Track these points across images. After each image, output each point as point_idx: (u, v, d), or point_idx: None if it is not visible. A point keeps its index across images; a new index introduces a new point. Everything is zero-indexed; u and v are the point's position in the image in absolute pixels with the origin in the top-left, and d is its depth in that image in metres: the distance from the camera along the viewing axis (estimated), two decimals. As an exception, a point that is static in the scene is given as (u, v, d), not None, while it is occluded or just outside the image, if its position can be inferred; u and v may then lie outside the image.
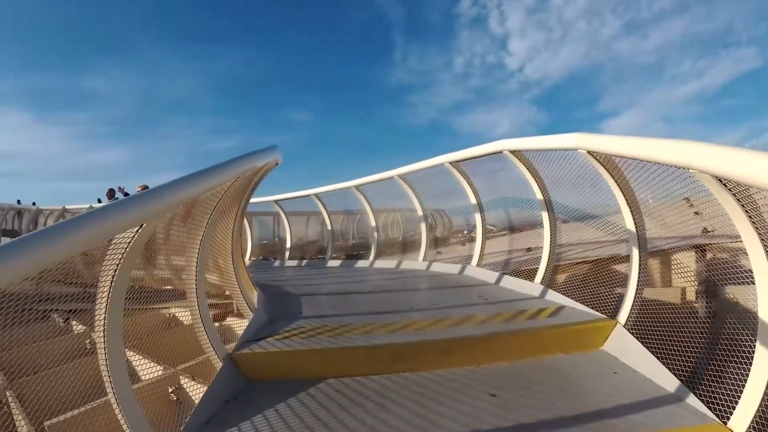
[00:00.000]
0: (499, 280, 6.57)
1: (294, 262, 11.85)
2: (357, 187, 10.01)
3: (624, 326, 4.11)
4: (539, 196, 5.78)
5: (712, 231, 3.80)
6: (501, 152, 6.02)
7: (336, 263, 10.81)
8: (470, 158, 7.13)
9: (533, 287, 5.70)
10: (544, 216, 5.80)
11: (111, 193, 12.26)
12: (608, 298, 4.54)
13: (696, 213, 3.55)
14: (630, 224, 4.24)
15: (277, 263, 12.17)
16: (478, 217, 7.56)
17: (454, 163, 7.51)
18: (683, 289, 4.75)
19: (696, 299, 4.36)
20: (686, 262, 4.74)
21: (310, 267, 11.02)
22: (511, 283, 6.26)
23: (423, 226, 8.99)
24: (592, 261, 5.44)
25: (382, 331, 4.37)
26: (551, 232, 5.74)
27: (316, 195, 11.17)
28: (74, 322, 6.37)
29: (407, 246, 10.12)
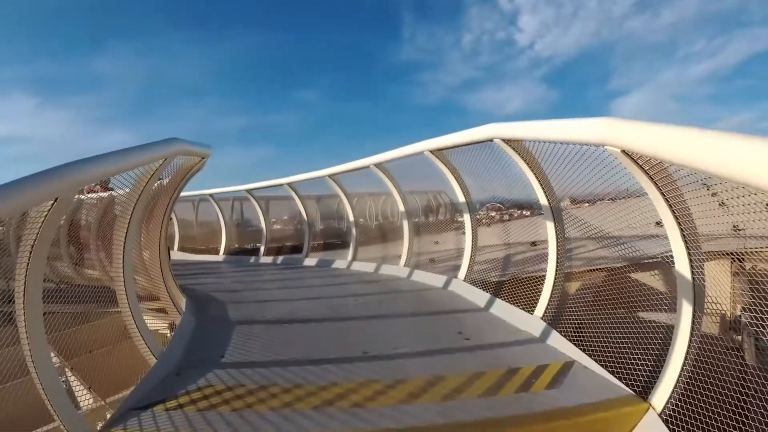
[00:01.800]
0: (489, 304, 5.16)
1: (269, 259, 10.55)
2: (331, 176, 8.51)
3: (660, 414, 2.69)
4: (543, 200, 4.31)
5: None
6: (491, 140, 4.55)
7: (313, 261, 9.57)
8: (454, 146, 5.65)
9: (532, 322, 4.29)
10: (549, 229, 4.34)
11: None
12: (638, 363, 3.10)
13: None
14: (682, 265, 2.78)
15: (252, 260, 10.77)
16: (466, 219, 6.09)
17: (436, 152, 6.03)
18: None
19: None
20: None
21: (284, 266, 9.73)
22: (504, 311, 4.84)
23: (405, 226, 7.52)
24: (618, 300, 3.89)
25: (304, 405, 2.99)
26: (558, 252, 4.28)
27: (289, 184, 9.71)
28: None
29: (388, 237, 8.71)
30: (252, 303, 6.08)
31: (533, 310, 4.37)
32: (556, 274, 4.26)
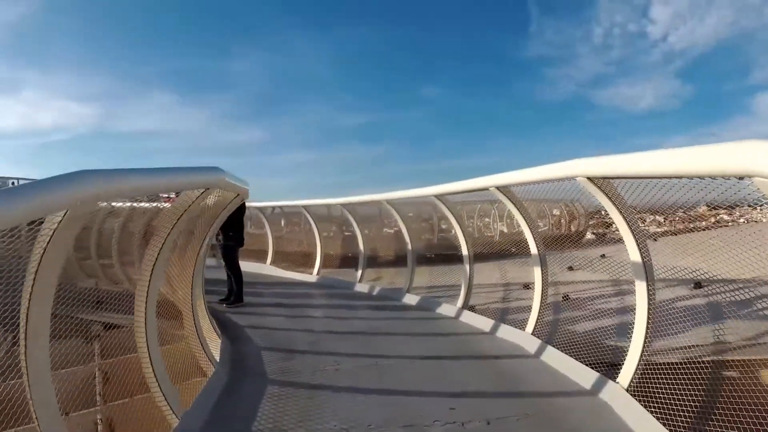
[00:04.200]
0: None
1: (365, 288, 9.01)
2: (439, 196, 6.83)
3: None
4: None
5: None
6: (574, 178, 3.61)
7: (414, 299, 7.64)
8: (529, 183, 4.70)
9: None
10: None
11: None
12: None
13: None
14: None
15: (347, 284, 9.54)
16: (537, 273, 5.10)
17: (504, 189, 5.11)
18: None
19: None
20: None
21: (380, 302, 8.02)
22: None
23: (466, 270, 6.57)
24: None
25: None
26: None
27: (387, 201, 8.30)
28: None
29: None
30: (313, 380, 4.39)
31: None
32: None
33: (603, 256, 6.25)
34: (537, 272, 5.12)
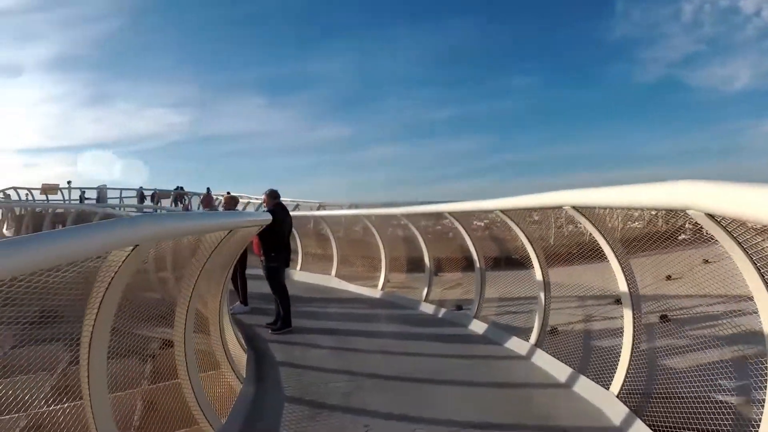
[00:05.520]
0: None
1: (431, 309, 7.90)
2: (504, 210, 5.68)
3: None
4: None
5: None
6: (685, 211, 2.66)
7: (482, 327, 6.53)
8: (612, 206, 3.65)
9: None
10: None
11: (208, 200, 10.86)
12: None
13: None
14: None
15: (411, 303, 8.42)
16: (627, 318, 3.88)
17: (581, 209, 3.97)
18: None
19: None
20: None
21: (444, 329, 6.91)
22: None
23: (541, 301, 5.39)
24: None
25: None
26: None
27: (451, 213, 7.25)
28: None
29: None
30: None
31: None
32: None
33: (706, 261, 4.94)
34: (627, 317, 3.92)
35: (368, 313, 8.15)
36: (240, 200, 21.47)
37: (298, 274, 11.62)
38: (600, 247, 4.28)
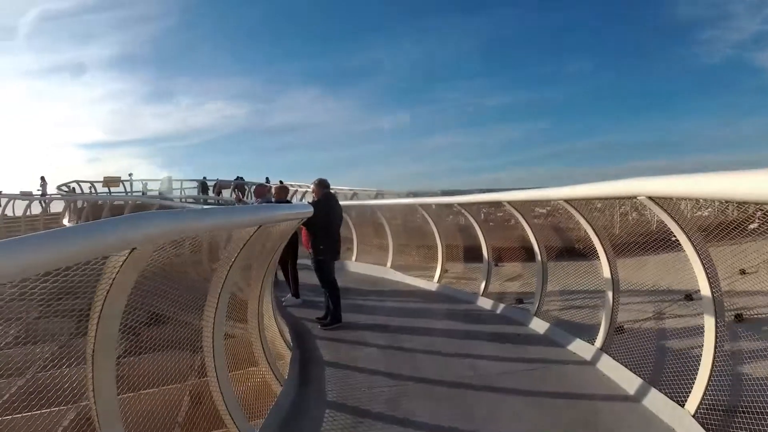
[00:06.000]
0: None
1: (488, 304, 7.44)
2: (569, 200, 5.07)
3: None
4: None
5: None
6: None
7: (543, 327, 6.01)
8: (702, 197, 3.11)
9: None
10: None
11: (260, 191, 10.68)
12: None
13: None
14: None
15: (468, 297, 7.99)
16: (708, 326, 3.35)
17: (659, 199, 3.43)
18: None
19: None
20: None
21: (504, 327, 6.43)
22: None
23: (609, 300, 4.81)
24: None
25: None
26: None
27: (509, 202, 6.66)
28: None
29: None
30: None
31: None
32: None
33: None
34: (708, 324, 3.38)
35: (422, 308, 7.80)
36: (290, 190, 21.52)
37: (354, 265, 11.44)
38: (668, 237, 3.77)
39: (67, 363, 2.82)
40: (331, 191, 7.08)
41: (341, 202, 7.55)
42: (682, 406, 3.45)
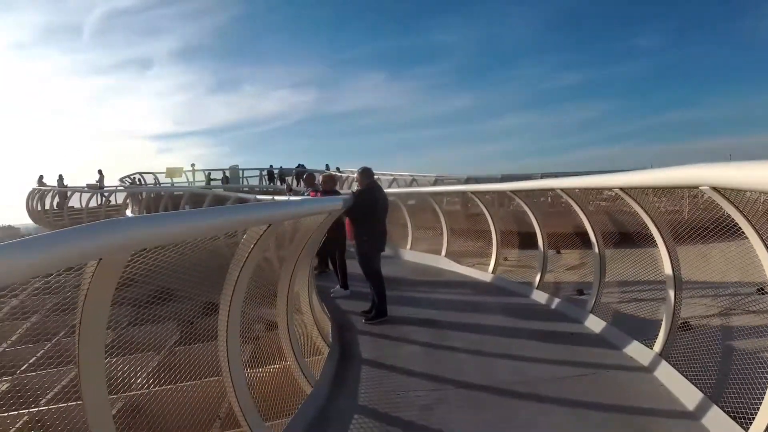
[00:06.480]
0: None
1: (543, 298, 7.05)
2: (625, 189, 4.57)
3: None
4: None
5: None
6: None
7: (599, 326, 5.59)
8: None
9: None
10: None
11: (310, 179, 10.70)
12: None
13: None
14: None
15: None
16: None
17: (725, 191, 2.99)
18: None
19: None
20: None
21: (557, 324, 6.00)
22: None
23: (670, 299, 4.26)
24: None
25: None
26: None
27: (563, 189, 6.24)
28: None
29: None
30: None
31: None
32: None
33: None
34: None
35: (473, 301, 7.44)
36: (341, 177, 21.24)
37: (408, 254, 11.25)
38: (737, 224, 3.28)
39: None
40: (375, 179, 6.93)
41: (394, 190, 7.38)
42: (746, 430, 3.01)
